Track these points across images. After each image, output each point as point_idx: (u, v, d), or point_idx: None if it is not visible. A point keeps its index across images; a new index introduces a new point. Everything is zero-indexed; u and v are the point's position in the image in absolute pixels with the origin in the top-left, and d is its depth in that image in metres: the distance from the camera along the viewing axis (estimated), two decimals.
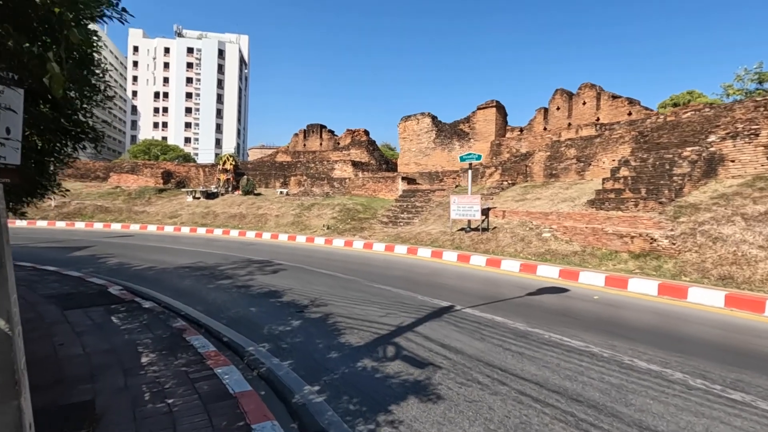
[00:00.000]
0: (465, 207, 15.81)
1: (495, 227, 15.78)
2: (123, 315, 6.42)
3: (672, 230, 10.92)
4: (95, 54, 3.77)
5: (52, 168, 4.76)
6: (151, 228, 23.66)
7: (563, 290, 9.17)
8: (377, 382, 4.42)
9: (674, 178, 12.39)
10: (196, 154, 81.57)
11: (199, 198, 28.64)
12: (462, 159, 16.65)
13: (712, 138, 13.18)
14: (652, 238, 10.95)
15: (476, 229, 15.97)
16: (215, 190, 29.87)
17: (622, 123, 18.75)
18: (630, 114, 20.29)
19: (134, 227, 24.03)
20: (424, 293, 8.58)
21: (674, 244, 10.55)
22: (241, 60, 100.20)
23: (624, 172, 14.26)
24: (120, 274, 10.61)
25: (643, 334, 6.18)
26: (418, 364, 4.92)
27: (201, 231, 22.51)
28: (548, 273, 10.90)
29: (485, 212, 16.10)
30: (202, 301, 7.92)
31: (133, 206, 27.78)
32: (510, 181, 19.72)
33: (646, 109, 20.25)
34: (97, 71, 3.98)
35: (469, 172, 16.37)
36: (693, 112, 15.67)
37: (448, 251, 14.10)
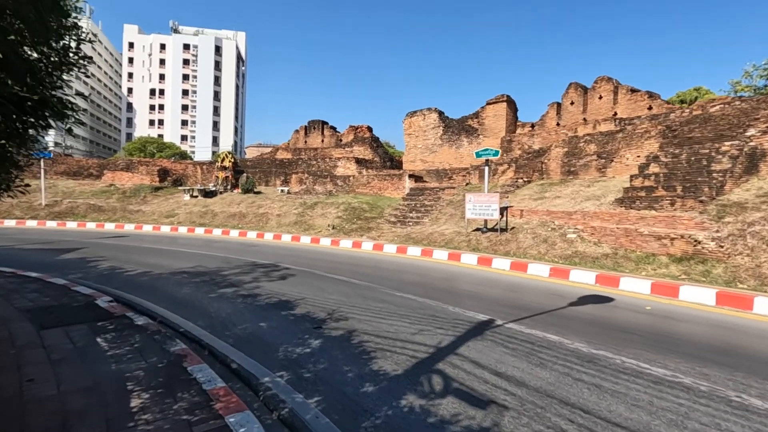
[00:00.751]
0: (482, 206, 14.85)
1: (513, 227, 14.83)
2: (111, 335, 5.41)
3: (717, 231, 9.99)
4: None
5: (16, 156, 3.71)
6: (147, 228, 22.58)
7: (607, 299, 8.21)
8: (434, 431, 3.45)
9: (714, 174, 11.46)
10: (193, 152, 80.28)
11: (197, 196, 27.57)
12: (478, 155, 15.68)
13: (751, 132, 12.26)
14: (695, 240, 10.01)
15: (494, 230, 15.01)
16: (213, 189, 28.79)
17: (643, 117, 17.83)
18: (650, 108, 19.36)
19: (129, 227, 22.94)
20: (455, 303, 7.61)
21: (722, 246, 9.61)
22: (239, 57, 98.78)
23: (654, 168, 13.33)
24: (111, 280, 9.59)
25: (729, 358, 5.22)
26: (476, 403, 3.95)
27: (199, 231, 21.46)
28: (583, 278, 9.95)
29: (502, 211, 15.15)
30: (203, 314, 6.92)
31: (128, 205, 26.67)
32: (525, 179, 18.77)
33: (668, 103, 19.33)
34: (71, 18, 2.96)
35: (486, 168, 15.40)
36: (722, 106, 14.76)
37: (466, 253, 13.13)
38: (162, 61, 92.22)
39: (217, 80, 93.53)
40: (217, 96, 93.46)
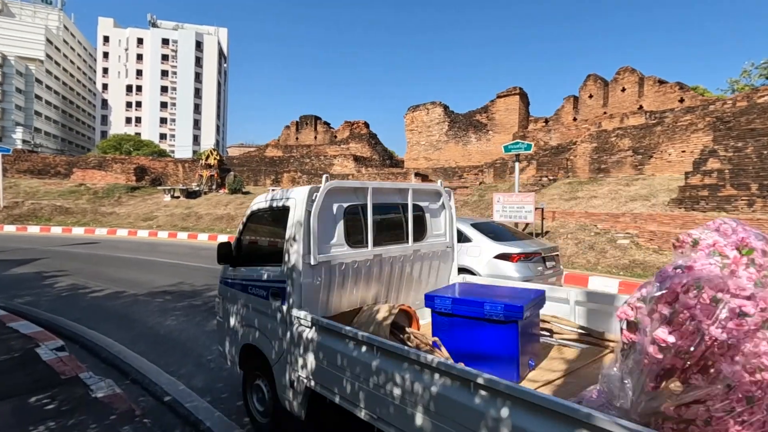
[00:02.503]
0: (513, 207, 12.97)
1: (548, 231, 13.03)
2: (51, 428, 3.24)
3: None
4: None
5: None
6: (122, 233, 20.00)
7: None
8: None
9: None
10: (172, 152, 76.70)
11: (178, 197, 25.02)
12: (507, 149, 13.83)
13: None
14: None
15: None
16: (197, 188, 26.28)
17: (677, 110, 16.30)
18: (682, 101, 17.90)
19: (101, 232, 20.31)
20: None
21: None
22: (220, 53, 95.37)
23: (713, 164, 11.70)
24: (71, 305, 7.32)
25: None
26: None
27: (182, 236, 19.03)
28: None
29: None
30: (201, 366, 4.78)
31: (100, 207, 23.94)
32: (550, 177, 17.04)
33: (702, 95, 17.93)
34: None
35: (516, 164, 13.55)
36: None
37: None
38: (139, 57, 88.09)
39: (198, 77, 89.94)
40: (198, 93, 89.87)
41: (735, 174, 10.86)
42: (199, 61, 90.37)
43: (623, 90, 19.82)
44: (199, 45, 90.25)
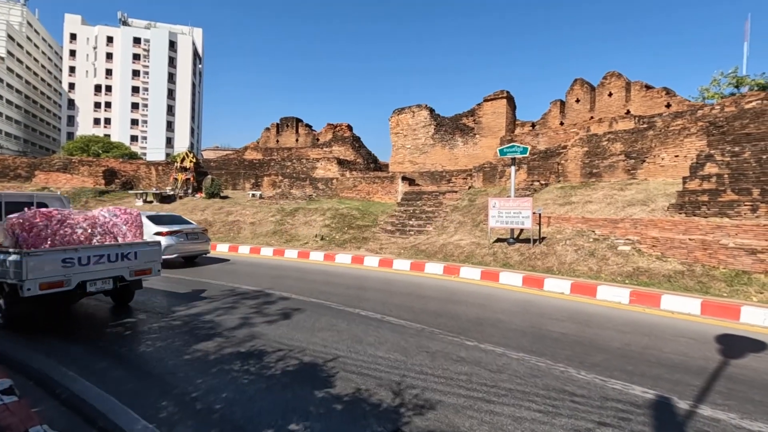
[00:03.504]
0: (509, 213, 12.54)
1: (545, 237, 12.64)
2: None
3: None
4: None
5: None
6: None
7: (757, 343, 5.99)
8: None
9: None
10: (144, 154, 73.84)
11: (151, 202, 23.64)
12: (503, 153, 13.38)
13: None
14: None
15: (525, 241, 12.74)
16: (172, 193, 24.92)
17: (666, 114, 16.29)
18: (669, 106, 17.97)
19: None
20: (568, 360, 5.09)
21: None
22: (195, 54, 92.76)
23: (711, 168, 11.54)
24: (22, 329, 6.30)
25: None
26: None
27: None
28: (681, 307, 7.76)
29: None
30: (185, 406, 3.95)
31: None
32: (542, 182, 16.73)
33: (688, 100, 18.05)
34: None
35: (512, 168, 13.09)
36: (760, 101, 13.37)
37: (506, 272, 10.69)
38: (109, 55, 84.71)
39: (171, 77, 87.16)
40: (171, 94, 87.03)
41: (734, 179, 10.69)
42: (172, 62, 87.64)
43: (610, 95, 19.82)
44: (172, 45, 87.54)
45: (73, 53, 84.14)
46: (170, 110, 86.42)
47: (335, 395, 4.14)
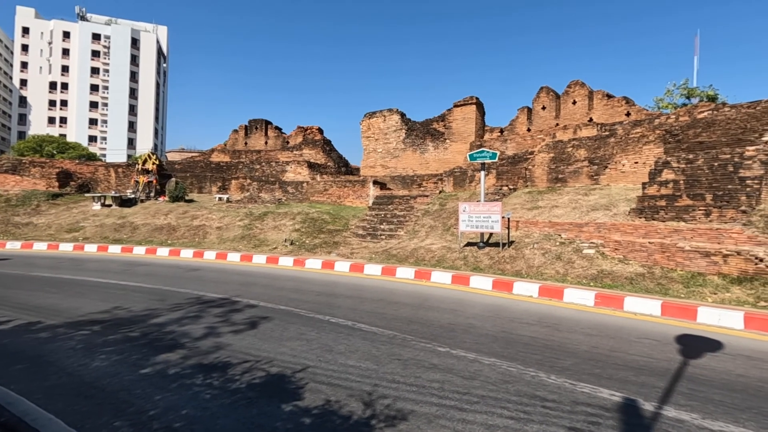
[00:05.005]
0: (480, 217, 12.69)
1: (513, 241, 12.86)
2: None
3: None
4: None
5: None
6: (40, 246, 17.47)
7: (713, 342, 6.25)
8: None
9: (747, 182, 10.31)
10: (104, 155, 70.57)
11: (110, 205, 22.51)
12: (473, 158, 13.54)
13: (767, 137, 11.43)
14: (757, 258, 8.57)
15: (494, 245, 12.92)
16: (133, 196, 23.83)
17: (626, 123, 16.99)
18: (628, 114, 18.77)
19: (13, 246, 17.62)
20: (539, 365, 5.13)
21: None
22: (159, 52, 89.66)
23: (668, 175, 12.10)
24: None
25: None
26: None
27: (114, 249, 16.93)
28: (643, 308, 8.03)
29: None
30: (138, 424, 3.69)
31: (14, 216, 20.91)
32: (510, 186, 17.06)
33: (646, 109, 18.91)
34: None
35: (482, 173, 13.27)
36: (711, 112, 14.15)
37: (477, 276, 10.78)
38: (66, 51, 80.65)
39: (134, 76, 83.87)
40: (133, 93, 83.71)
41: (689, 185, 11.23)
42: (135, 60, 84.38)
43: (574, 102, 20.52)
44: (135, 42, 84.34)
45: (25, 48, 79.57)
46: (132, 110, 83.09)
47: (304, 408, 3.98)
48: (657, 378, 4.82)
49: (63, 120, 78.43)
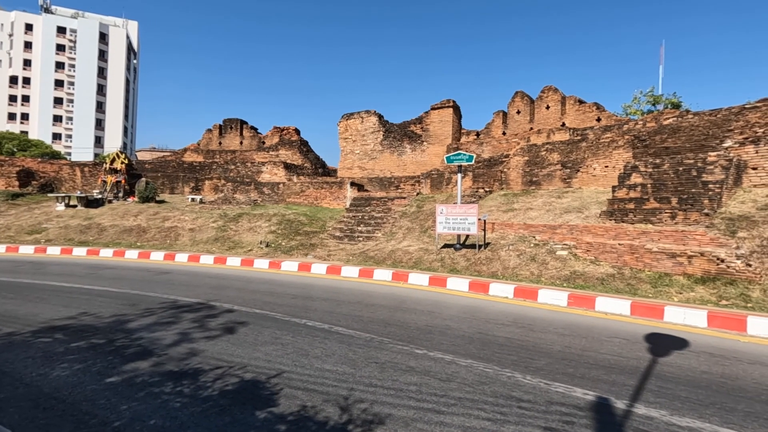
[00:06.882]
0: (457, 219, 12.81)
1: (489, 243, 13.03)
2: None
3: (738, 248, 9.07)
4: None
5: None
6: None
7: (679, 341, 6.48)
8: None
9: (710, 186, 10.77)
10: (69, 154, 67.66)
11: (75, 206, 21.57)
12: (449, 160, 13.65)
13: (728, 143, 12.00)
14: (718, 258, 8.96)
15: (471, 246, 13.05)
16: (100, 196, 22.92)
17: (596, 128, 17.52)
18: (599, 120, 19.37)
19: None
20: (515, 365, 5.19)
21: (750, 265, 8.64)
22: (130, 48, 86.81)
23: (636, 179, 12.52)
24: None
25: None
26: None
27: (79, 252, 16.22)
28: (613, 308, 8.26)
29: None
30: None
31: None
32: (486, 189, 17.30)
33: (615, 115, 19.55)
34: None
35: (459, 175, 13.41)
36: (675, 119, 14.77)
37: (454, 278, 10.85)
38: (28, 44, 77.02)
39: (102, 72, 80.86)
40: (101, 90, 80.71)
41: (656, 188, 11.64)
42: (103, 55, 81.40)
43: (548, 107, 21.03)
44: (103, 37, 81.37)
45: None
46: (100, 107, 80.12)
47: (278, 415, 3.88)
48: (627, 376, 4.95)
49: (24, 116, 74.89)
